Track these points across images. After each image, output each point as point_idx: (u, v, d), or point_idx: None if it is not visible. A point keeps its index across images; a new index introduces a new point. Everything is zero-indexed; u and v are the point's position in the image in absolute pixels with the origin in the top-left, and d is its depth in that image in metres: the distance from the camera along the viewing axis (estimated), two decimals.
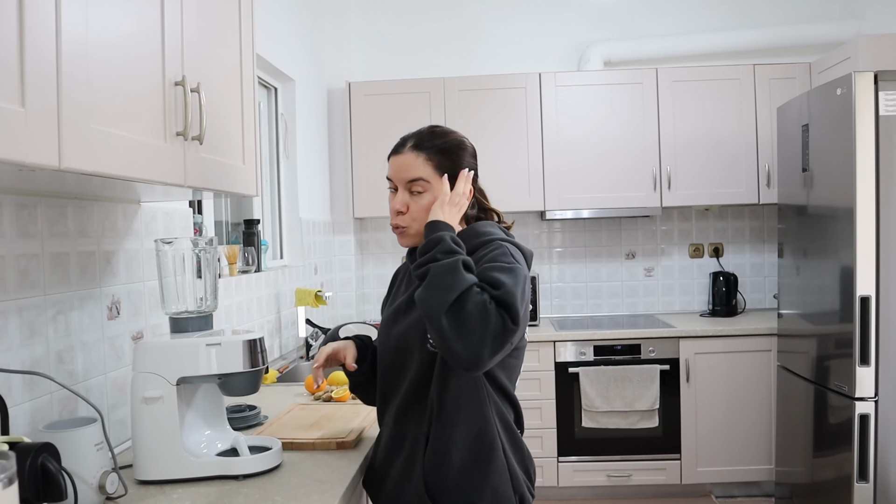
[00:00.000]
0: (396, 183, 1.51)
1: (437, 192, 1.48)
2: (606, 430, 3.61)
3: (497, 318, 1.29)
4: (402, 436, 1.52)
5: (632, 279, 4.31)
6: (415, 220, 1.49)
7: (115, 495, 1.38)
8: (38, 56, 0.98)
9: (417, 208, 1.49)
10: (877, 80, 2.64)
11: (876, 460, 2.67)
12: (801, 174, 3.09)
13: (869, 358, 2.66)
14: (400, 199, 1.50)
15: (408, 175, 1.49)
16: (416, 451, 1.48)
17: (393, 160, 1.53)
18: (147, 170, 1.28)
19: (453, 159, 1.51)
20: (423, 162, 1.48)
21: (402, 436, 1.52)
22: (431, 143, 1.50)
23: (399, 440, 1.52)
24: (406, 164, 1.49)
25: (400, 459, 1.51)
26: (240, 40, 1.74)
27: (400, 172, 1.50)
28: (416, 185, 1.49)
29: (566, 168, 3.89)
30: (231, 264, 2.66)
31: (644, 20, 4.26)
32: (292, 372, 2.82)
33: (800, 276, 3.17)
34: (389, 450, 1.54)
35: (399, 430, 1.53)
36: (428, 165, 1.49)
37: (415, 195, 1.49)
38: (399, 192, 1.51)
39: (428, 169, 1.48)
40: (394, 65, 4.28)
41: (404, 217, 1.50)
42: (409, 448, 1.50)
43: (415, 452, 1.48)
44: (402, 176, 1.50)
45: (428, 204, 1.48)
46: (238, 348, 1.49)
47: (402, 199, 1.49)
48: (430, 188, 1.48)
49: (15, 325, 1.41)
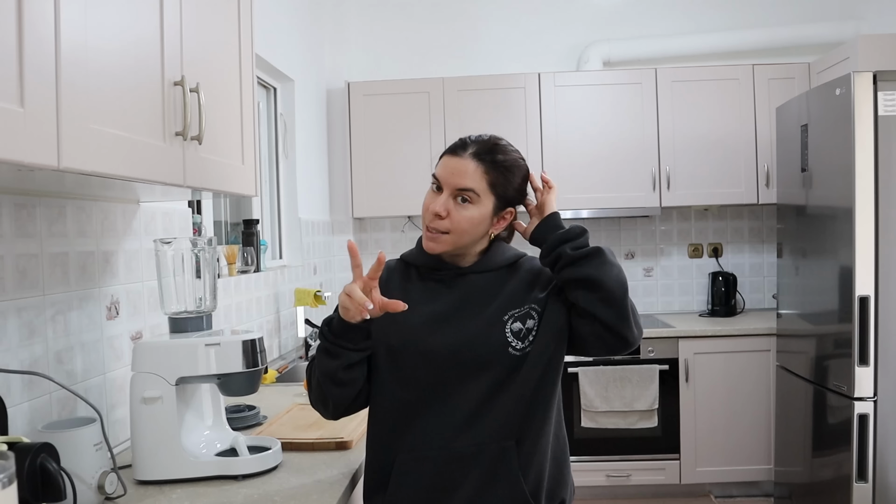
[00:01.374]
0: (444, 185, 1.40)
1: (485, 208, 1.42)
2: (605, 430, 3.61)
3: None
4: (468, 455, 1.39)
5: (631, 279, 4.25)
6: (454, 229, 1.40)
7: (115, 495, 1.38)
8: (38, 56, 0.98)
9: (459, 218, 1.39)
10: (876, 80, 2.64)
11: (875, 460, 2.67)
12: (800, 174, 3.10)
13: (868, 358, 2.67)
14: (443, 202, 1.39)
15: (461, 182, 1.39)
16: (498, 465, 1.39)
17: (449, 161, 1.42)
18: (146, 170, 1.28)
19: (509, 179, 1.43)
20: (481, 174, 1.39)
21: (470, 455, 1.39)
22: (493, 158, 1.41)
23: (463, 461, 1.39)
24: (462, 170, 1.39)
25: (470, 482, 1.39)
26: (239, 40, 1.74)
27: (454, 176, 1.40)
28: (465, 193, 1.39)
29: (565, 168, 3.89)
30: (230, 264, 2.66)
31: (643, 20, 4.26)
32: (291, 372, 2.82)
33: (799, 276, 3.17)
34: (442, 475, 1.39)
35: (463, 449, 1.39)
36: (484, 179, 1.39)
37: (459, 203, 1.40)
38: (444, 194, 1.40)
39: (483, 183, 1.39)
40: (393, 65, 4.28)
41: (443, 222, 1.39)
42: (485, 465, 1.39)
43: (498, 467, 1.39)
44: (455, 181, 1.39)
45: (471, 216, 1.39)
46: (237, 348, 1.49)
47: (446, 204, 1.39)
48: (477, 201, 1.40)
49: (14, 325, 1.41)
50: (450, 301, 1.44)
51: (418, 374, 1.41)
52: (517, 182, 1.45)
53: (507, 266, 1.48)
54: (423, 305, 1.43)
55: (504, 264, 1.48)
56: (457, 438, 1.39)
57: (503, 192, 1.42)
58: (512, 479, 1.40)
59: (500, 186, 1.41)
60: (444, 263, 1.47)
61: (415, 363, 1.41)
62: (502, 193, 1.42)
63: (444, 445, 1.40)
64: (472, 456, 1.39)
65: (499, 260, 1.48)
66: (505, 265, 1.48)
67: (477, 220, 1.40)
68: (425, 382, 1.41)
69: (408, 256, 1.53)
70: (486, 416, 1.39)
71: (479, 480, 1.39)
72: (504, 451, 1.39)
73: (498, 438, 1.39)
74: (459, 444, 1.39)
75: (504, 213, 1.46)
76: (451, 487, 1.40)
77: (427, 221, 1.42)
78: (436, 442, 1.40)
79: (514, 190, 1.44)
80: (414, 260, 1.51)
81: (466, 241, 1.42)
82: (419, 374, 1.41)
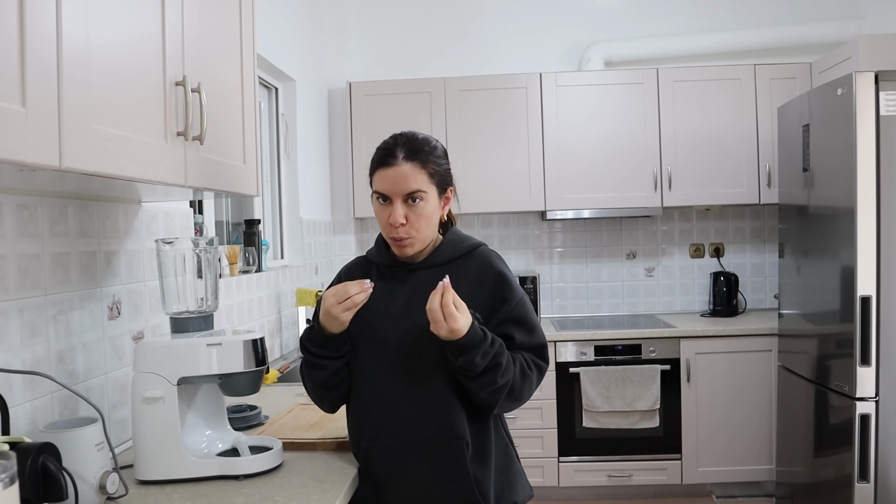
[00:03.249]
0: (393, 195, 1.49)
1: (433, 198, 1.51)
2: (607, 431, 3.61)
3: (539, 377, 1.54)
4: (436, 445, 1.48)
5: (632, 279, 4.31)
6: (416, 229, 1.50)
7: (116, 495, 1.38)
8: (39, 56, 0.98)
9: (417, 218, 1.49)
10: (877, 80, 2.64)
11: (877, 460, 2.67)
12: (802, 174, 3.09)
13: (869, 358, 2.66)
14: (400, 211, 1.48)
15: (408, 187, 1.48)
16: (460, 459, 1.47)
17: (386, 173, 1.49)
18: (148, 170, 1.28)
19: (439, 164, 1.53)
20: (418, 171, 1.49)
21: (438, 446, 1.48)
22: (422, 153, 1.51)
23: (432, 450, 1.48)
24: (403, 176, 1.48)
25: (439, 469, 1.48)
26: (240, 40, 1.74)
27: (399, 185, 1.48)
28: (414, 194, 1.49)
29: (567, 168, 3.89)
30: (232, 264, 2.66)
31: (645, 20, 4.25)
32: (293, 372, 2.82)
33: (800, 276, 3.17)
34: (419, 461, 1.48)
35: (430, 439, 1.48)
36: (424, 174, 1.49)
37: (411, 205, 1.49)
38: (396, 204, 1.49)
39: (424, 177, 1.50)
40: (394, 65, 4.28)
41: (407, 228, 1.49)
42: (450, 456, 1.47)
43: (459, 460, 1.47)
44: (402, 188, 1.48)
45: (426, 212, 1.50)
46: (239, 348, 1.49)
47: (402, 212, 1.48)
48: (425, 196, 1.50)
49: (16, 325, 1.41)
50: (403, 297, 1.54)
51: (374, 368, 1.52)
52: (443, 162, 1.56)
53: (458, 258, 1.57)
54: (380, 300, 1.51)
55: (454, 257, 1.57)
56: (410, 432, 1.49)
57: (440, 177, 1.54)
58: (462, 477, 1.47)
59: (436, 174, 1.52)
60: (397, 260, 1.57)
61: (370, 356, 1.52)
62: (440, 179, 1.53)
63: (398, 436, 1.49)
64: (422, 450, 1.48)
65: (447, 254, 1.57)
66: (455, 258, 1.56)
67: (430, 212, 1.52)
68: (381, 375, 1.51)
69: (370, 254, 1.65)
70: (433, 412, 1.48)
71: (428, 476, 1.48)
72: (452, 449, 1.47)
73: (448, 435, 1.48)
74: (412, 436, 1.49)
75: (446, 194, 1.58)
76: (403, 478, 1.50)
77: (390, 233, 1.52)
78: (390, 433, 1.50)
79: (446, 171, 1.56)
80: (374, 258, 1.62)
81: (429, 234, 1.54)
82: (375, 368, 1.51)
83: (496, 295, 1.53)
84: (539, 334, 1.55)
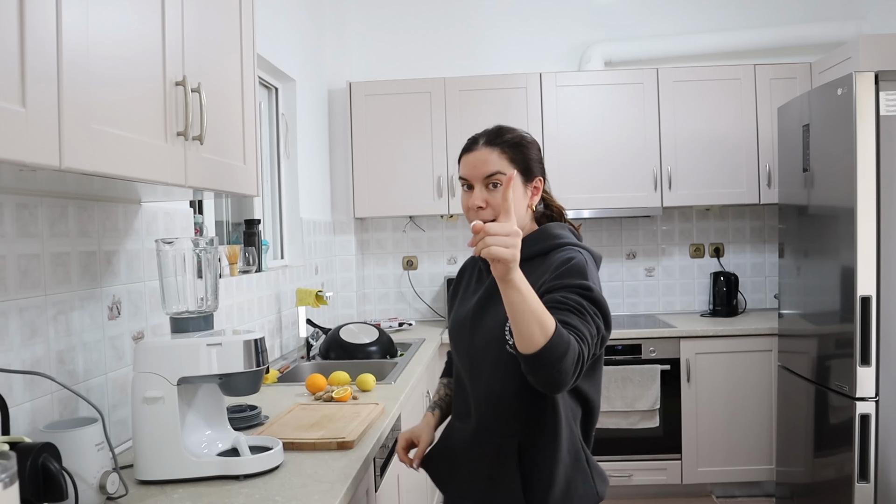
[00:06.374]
0: (472, 180, 1.51)
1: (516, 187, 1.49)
2: (607, 430, 3.60)
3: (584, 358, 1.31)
4: (487, 437, 1.52)
5: (632, 279, 4.31)
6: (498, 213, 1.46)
7: (116, 495, 1.38)
8: (39, 56, 0.98)
9: (497, 202, 1.48)
10: (877, 80, 2.64)
11: (877, 460, 2.67)
12: (802, 174, 3.09)
13: (870, 358, 2.66)
14: (479, 195, 1.49)
15: (487, 169, 1.49)
16: (507, 457, 1.47)
17: (467, 159, 1.53)
18: (148, 170, 1.28)
19: (523, 151, 1.54)
20: (498, 155, 1.50)
21: (488, 438, 1.51)
22: (503, 139, 1.53)
23: (484, 441, 1.52)
24: (483, 160, 1.50)
25: (487, 460, 1.50)
26: (240, 40, 1.74)
27: (477, 168, 1.50)
28: (493, 178, 1.49)
29: (567, 168, 3.89)
30: (232, 264, 2.66)
31: (645, 20, 4.25)
32: (293, 372, 2.82)
33: (800, 276, 3.17)
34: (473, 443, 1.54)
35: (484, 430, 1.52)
36: (504, 158, 1.50)
37: (492, 190, 1.49)
38: (476, 188, 1.50)
39: (504, 162, 1.50)
40: (394, 65, 4.28)
41: (485, 212, 1.48)
42: (497, 451, 1.49)
43: (506, 459, 1.47)
44: (480, 171, 1.50)
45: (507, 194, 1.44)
46: (239, 348, 1.49)
47: (482, 195, 1.49)
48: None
49: (16, 325, 1.41)
50: (486, 293, 1.55)
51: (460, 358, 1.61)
52: (533, 153, 1.56)
53: (537, 257, 1.52)
54: (472, 297, 1.60)
55: (534, 255, 1.52)
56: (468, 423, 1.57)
57: (524, 164, 1.53)
58: (509, 478, 1.45)
59: (519, 160, 1.52)
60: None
61: (457, 349, 1.62)
62: (523, 165, 1.52)
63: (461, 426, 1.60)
64: (474, 445, 1.53)
65: (531, 249, 1.51)
66: (535, 256, 1.52)
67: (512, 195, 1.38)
68: (462, 367, 1.59)
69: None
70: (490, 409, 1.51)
71: (476, 473, 1.51)
72: (502, 449, 1.47)
73: (499, 434, 1.49)
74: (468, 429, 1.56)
75: (534, 183, 1.56)
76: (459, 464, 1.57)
77: (471, 220, 1.46)
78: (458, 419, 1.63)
79: (532, 160, 1.55)
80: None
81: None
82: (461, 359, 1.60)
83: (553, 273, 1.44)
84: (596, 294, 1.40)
